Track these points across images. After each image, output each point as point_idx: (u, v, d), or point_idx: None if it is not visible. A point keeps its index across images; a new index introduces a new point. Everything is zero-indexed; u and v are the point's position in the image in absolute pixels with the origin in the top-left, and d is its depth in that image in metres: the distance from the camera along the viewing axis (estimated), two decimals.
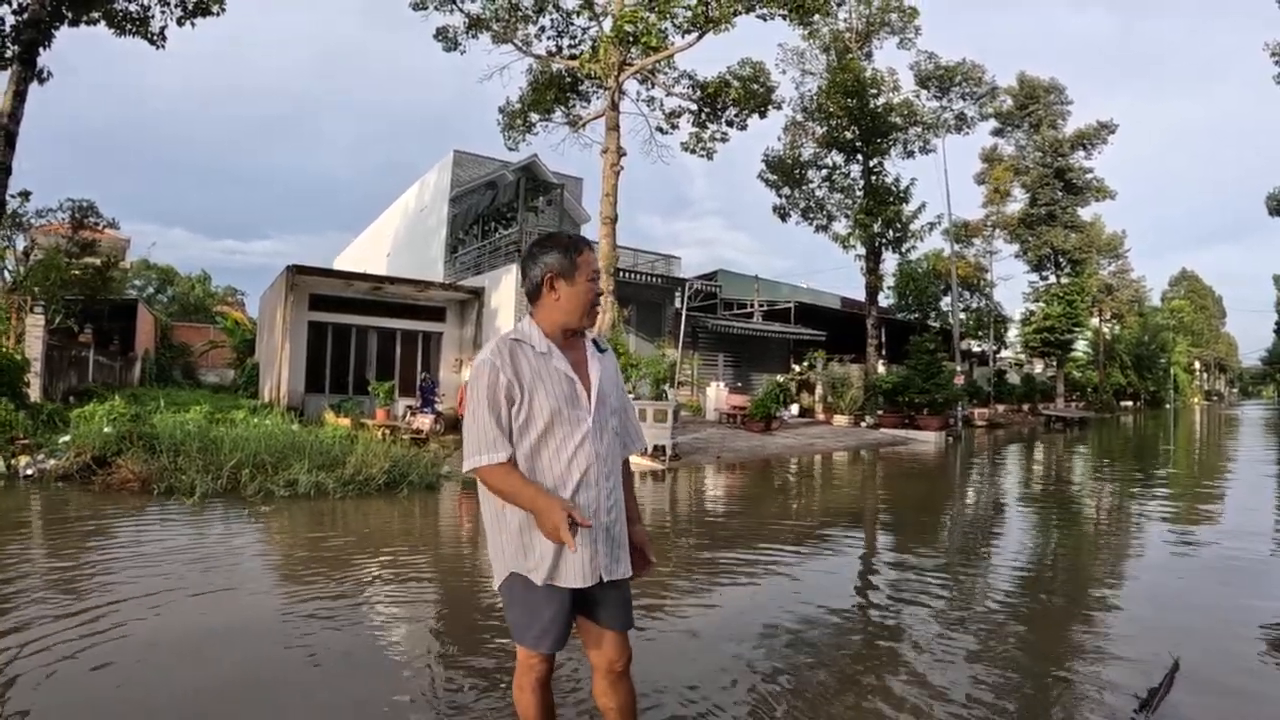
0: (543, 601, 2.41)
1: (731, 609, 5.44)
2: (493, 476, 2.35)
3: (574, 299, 2.46)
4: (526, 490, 2.31)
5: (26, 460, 10.60)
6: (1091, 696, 3.91)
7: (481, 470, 2.36)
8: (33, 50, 14.15)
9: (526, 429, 2.38)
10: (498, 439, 2.35)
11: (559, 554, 2.37)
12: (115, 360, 24.67)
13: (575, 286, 2.46)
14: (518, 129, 22.56)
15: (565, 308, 2.47)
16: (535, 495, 2.29)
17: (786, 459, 17.31)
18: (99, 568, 6.08)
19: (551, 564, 2.38)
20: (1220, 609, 5.56)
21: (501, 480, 2.34)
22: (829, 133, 28.51)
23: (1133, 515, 10.19)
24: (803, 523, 9.54)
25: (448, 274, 26.01)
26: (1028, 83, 40.70)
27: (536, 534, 2.36)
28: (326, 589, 5.69)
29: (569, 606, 2.44)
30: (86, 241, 22.28)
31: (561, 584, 2.40)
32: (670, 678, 3.94)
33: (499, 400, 2.36)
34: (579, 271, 2.46)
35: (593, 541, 2.40)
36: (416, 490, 10.37)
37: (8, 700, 3.59)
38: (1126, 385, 55.22)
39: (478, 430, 2.36)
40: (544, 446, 2.39)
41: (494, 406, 2.35)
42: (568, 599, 2.43)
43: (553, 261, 2.46)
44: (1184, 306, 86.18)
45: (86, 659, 4.10)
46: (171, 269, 56.81)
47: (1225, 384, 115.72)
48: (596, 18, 20.41)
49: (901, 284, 36.15)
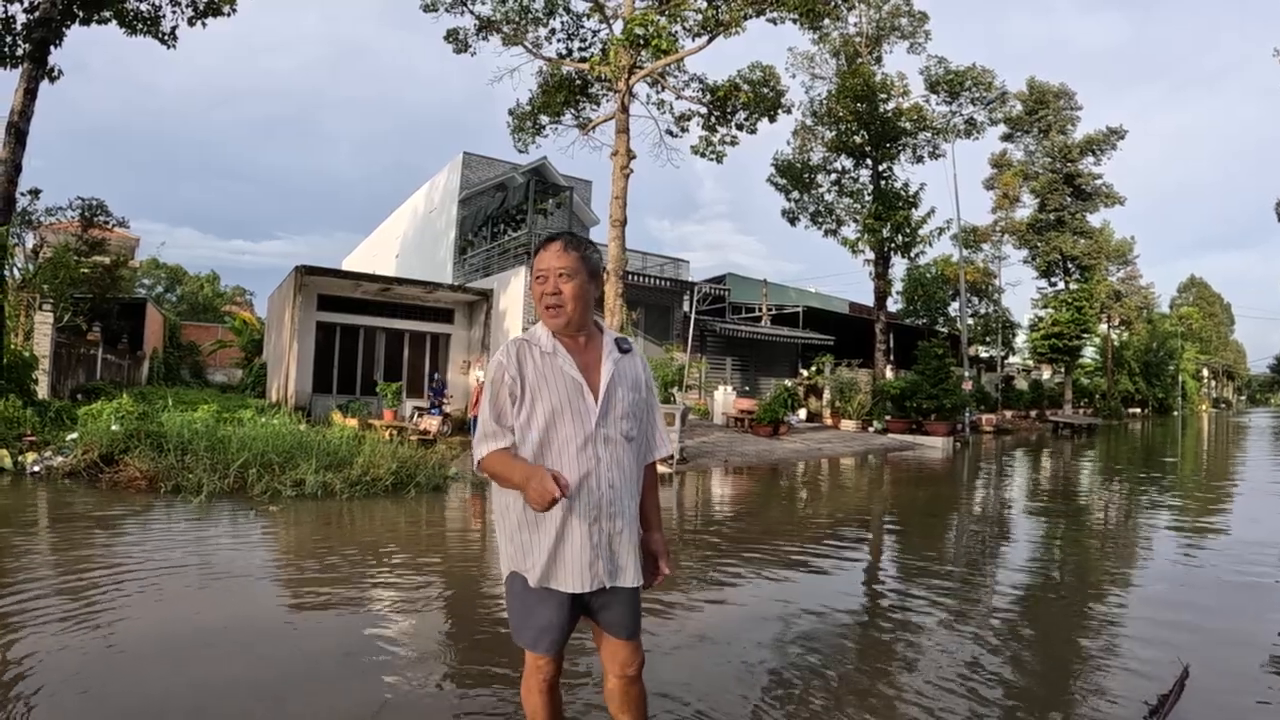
0: (538, 602, 2.41)
1: (740, 613, 5.38)
2: (490, 462, 2.36)
3: (537, 299, 2.49)
4: (516, 467, 2.30)
5: (34, 457, 10.61)
6: (1101, 703, 3.86)
7: (483, 460, 2.37)
8: (44, 48, 14.20)
9: (529, 428, 2.39)
10: (497, 431, 2.39)
11: (554, 555, 2.37)
12: (123, 359, 24.76)
13: (536, 286, 2.48)
14: (527, 131, 22.55)
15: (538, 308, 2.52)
16: (522, 468, 2.28)
17: (794, 464, 17.24)
18: (103, 565, 6.05)
19: (546, 565, 2.37)
20: (1231, 618, 5.49)
21: (496, 464, 2.35)
22: (838, 137, 28.45)
23: (1140, 524, 10.10)
24: (810, 528, 9.47)
25: (456, 276, 26.03)
26: (1037, 88, 40.58)
27: (534, 534, 2.39)
28: (332, 589, 5.66)
29: (568, 609, 2.43)
30: (96, 240, 22.30)
31: (556, 587, 2.38)
32: (679, 682, 3.91)
33: (501, 396, 2.40)
34: (536, 270, 2.50)
35: (593, 547, 2.37)
36: (424, 492, 10.35)
37: (9, 699, 3.56)
38: (1135, 392, 54.98)
39: (481, 425, 2.42)
40: (547, 447, 2.39)
41: (496, 403, 2.41)
42: (566, 602, 2.41)
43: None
44: (1193, 313, 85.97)
45: (88, 658, 4.08)
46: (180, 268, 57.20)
47: (1233, 391, 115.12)
48: (607, 21, 20.40)
49: (910, 289, 36.05)
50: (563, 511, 2.35)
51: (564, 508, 2.34)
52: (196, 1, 16.17)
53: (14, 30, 14.46)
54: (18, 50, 14.43)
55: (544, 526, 2.37)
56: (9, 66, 14.47)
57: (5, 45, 14.47)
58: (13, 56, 14.46)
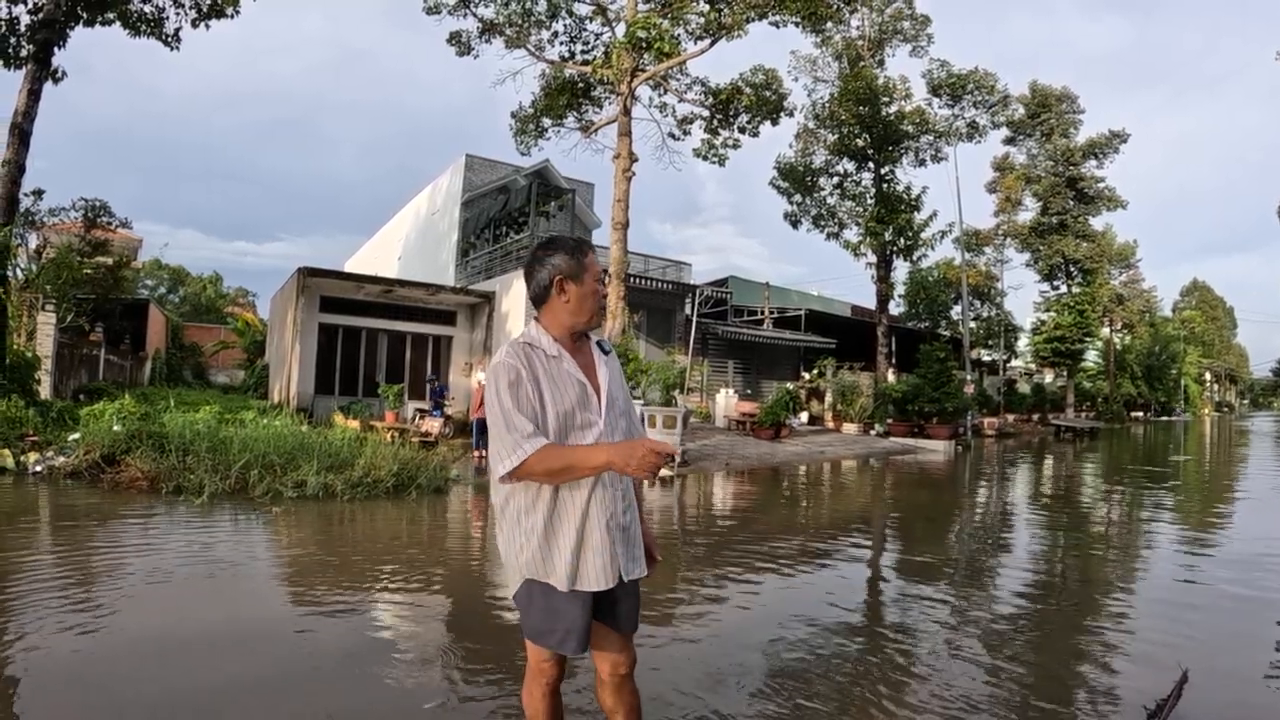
0: (564, 605, 2.38)
1: (737, 616, 5.38)
2: (538, 463, 2.25)
3: (583, 300, 2.45)
4: (578, 452, 2.27)
5: (36, 457, 10.61)
6: (1100, 707, 3.86)
7: (526, 463, 2.25)
8: (47, 49, 14.22)
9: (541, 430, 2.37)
10: (533, 434, 2.28)
11: (579, 557, 2.36)
12: (126, 359, 24.77)
13: (584, 288, 2.44)
14: (530, 134, 22.59)
15: (574, 309, 2.45)
16: (590, 451, 2.27)
17: (795, 466, 17.23)
18: (106, 565, 6.06)
19: (573, 569, 2.36)
20: (1231, 624, 5.48)
21: (552, 458, 2.25)
22: (841, 140, 28.48)
23: (1142, 530, 10.09)
24: (810, 531, 9.46)
25: (459, 278, 26.03)
26: (1040, 91, 40.55)
27: (554, 540, 2.37)
28: (333, 590, 5.66)
29: (590, 607, 2.42)
30: (99, 241, 22.31)
31: (582, 588, 2.38)
32: (674, 685, 3.91)
33: (522, 396, 2.32)
34: (586, 273, 2.45)
35: (611, 544, 2.39)
36: (425, 493, 10.34)
37: (11, 698, 3.56)
38: (1137, 396, 54.90)
39: (510, 429, 2.29)
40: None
41: (522, 402, 2.31)
42: (589, 600, 2.41)
43: (561, 263, 2.44)
44: (1195, 317, 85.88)
45: (92, 657, 4.08)
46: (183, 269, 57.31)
47: (1236, 395, 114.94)
48: (609, 24, 20.46)
49: (912, 292, 36.02)
50: (581, 514, 2.36)
51: (582, 510, 2.36)
52: (200, 3, 16.19)
53: (18, 31, 14.48)
54: (21, 51, 14.45)
55: (564, 531, 2.37)
56: (13, 67, 14.49)
57: (9, 46, 14.49)
58: (16, 57, 14.47)
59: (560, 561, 2.36)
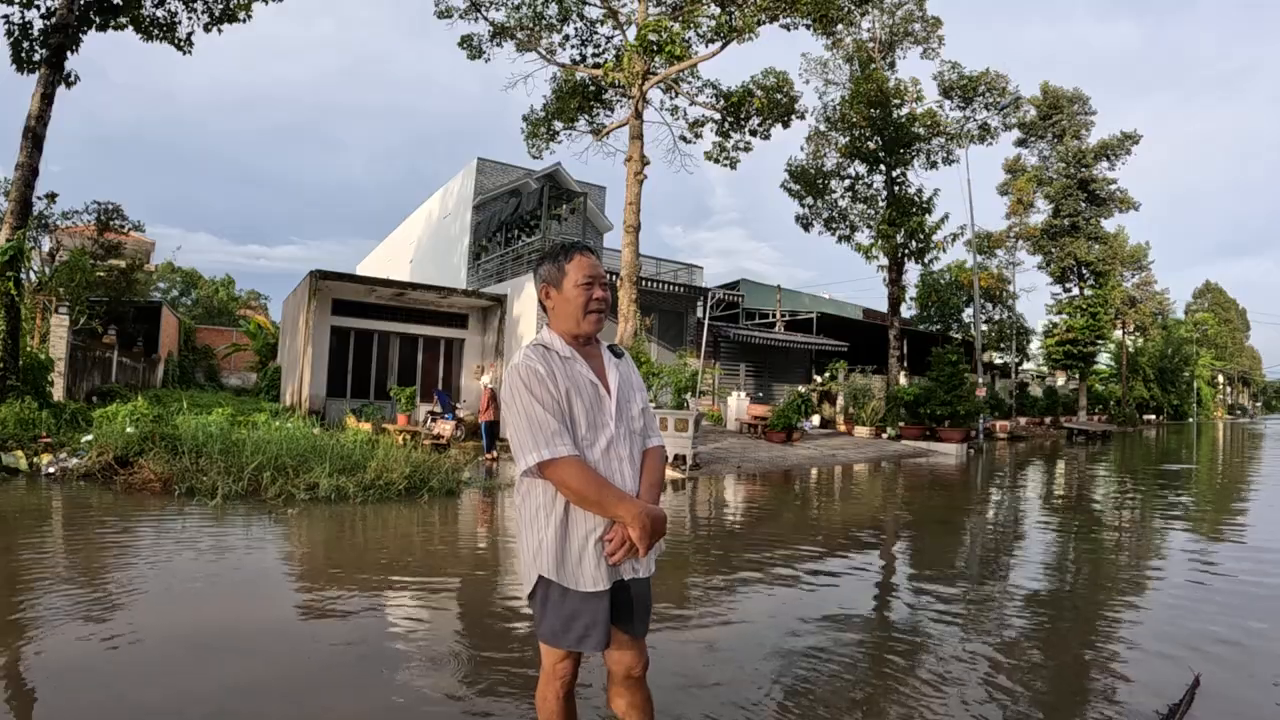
0: (581, 602, 2.37)
1: (750, 620, 5.33)
2: (567, 473, 2.26)
3: (565, 304, 2.49)
4: (610, 491, 2.29)
5: (49, 459, 10.65)
6: (1111, 711, 3.82)
7: (555, 465, 2.25)
8: (60, 54, 14.29)
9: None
10: (560, 431, 2.28)
11: (596, 557, 2.35)
12: (138, 362, 24.88)
13: (564, 292, 2.48)
14: (541, 137, 22.60)
15: (560, 314, 2.50)
16: (618, 494, 2.30)
17: (807, 470, 17.16)
18: (120, 566, 6.06)
19: (593, 567, 2.36)
20: (1245, 629, 5.39)
21: (577, 477, 2.26)
22: (852, 143, 28.38)
23: (1155, 533, 9.98)
24: (822, 534, 9.40)
25: (470, 281, 26.07)
26: (1051, 93, 40.37)
27: (569, 541, 2.36)
28: (346, 591, 5.64)
29: (608, 605, 2.40)
30: (112, 244, 22.47)
31: (596, 587, 2.37)
32: (687, 689, 3.88)
33: (548, 394, 2.32)
34: (566, 277, 2.49)
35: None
36: (437, 496, 10.34)
37: (19, 698, 3.55)
38: (1149, 399, 54.53)
39: (536, 424, 2.28)
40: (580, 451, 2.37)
41: (550, 402, 2.31)
42: (607, 598, 2.39)
43: (544, 272, 2.53)
44: (1208, 319, 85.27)
45: (106, 657, 4.07)
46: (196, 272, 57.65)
47: (1249, 398, 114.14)
48: (620, 27, 20.45)
49: (924, 295, 35.85)
50: (595, 515, 2.35)
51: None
52: (212, 7, 16.26)
53: (31, 36, 14.56)
54: (34, 55, 14.53)
55: (578, 532, 2.36)
56: (26, 72, 14.57)
57: (23, 51, 14.57)
58: (30, 62, 14.55)
59: (574, 562, 2.36)
